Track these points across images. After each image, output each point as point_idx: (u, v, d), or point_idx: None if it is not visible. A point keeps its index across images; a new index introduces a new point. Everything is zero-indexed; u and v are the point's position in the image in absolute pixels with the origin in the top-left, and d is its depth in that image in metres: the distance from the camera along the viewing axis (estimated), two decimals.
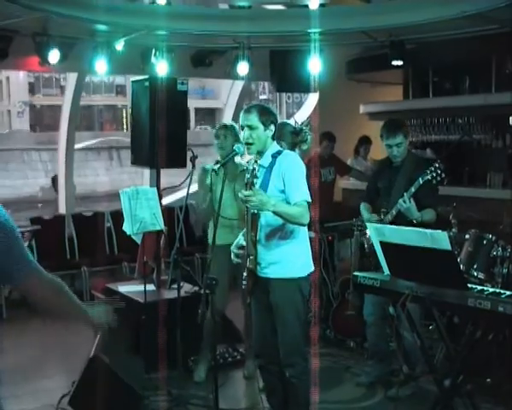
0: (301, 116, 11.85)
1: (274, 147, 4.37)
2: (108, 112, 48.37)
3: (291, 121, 5.46)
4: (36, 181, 31.63)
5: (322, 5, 7.32)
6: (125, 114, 45.97)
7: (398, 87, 10.45)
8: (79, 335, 6.81)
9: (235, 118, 9.81)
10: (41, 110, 46.50)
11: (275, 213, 4.12)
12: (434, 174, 5.00)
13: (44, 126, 42.91)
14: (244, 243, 4.35)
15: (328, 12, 7.43)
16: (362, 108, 10.33)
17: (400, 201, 5.15)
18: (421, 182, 5.07)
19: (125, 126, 45.33)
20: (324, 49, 8.19)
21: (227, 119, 10.77)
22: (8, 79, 44.65)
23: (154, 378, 5.80)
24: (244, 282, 4.31)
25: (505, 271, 5.10)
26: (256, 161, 4.30)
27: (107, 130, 45.24)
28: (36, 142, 36.52)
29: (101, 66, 7.65)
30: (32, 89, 46.19)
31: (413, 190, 5.12)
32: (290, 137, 5.14)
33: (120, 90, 46.29)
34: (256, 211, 4.16)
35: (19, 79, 44.17)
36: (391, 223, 5.15)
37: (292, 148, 5.12)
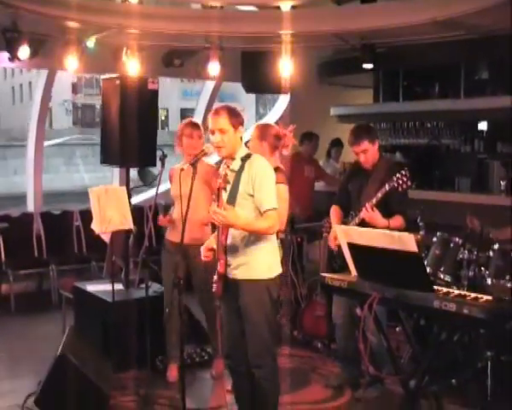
0: (272, 117, 11.84)
1: (243, 150, 4.37)
2: None
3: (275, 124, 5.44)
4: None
5: (293, 7, 7.34)
6: None
7: (370, 90, 10.51)
8: (47, 335, 6.82)
9: None
10: (82, 109, 50.62)
11: (244, 230, 4.19)
12: (400, 181, 4.99)
13: (85, 124, 46.97)
14: (214, 246, 4.37)
15: (299, 14, 7.45)
16: (332, 111, 10.37)
17: (363, 209, 5.18)
18: (387, 188, 5.07)
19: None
20: (296, 50, 8.20)
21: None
22: None
23: (122, 378, 5.79)
24: (214, 285, 4.32)
25: (471, 274, 5.15)
26: (228, 166, 4.31)
27: None
28: None
29: (71, 63, 7.60)
30: (75, 88, 49.51)
31: (379, 195, 5.13)
32: (273, 140, 5.14)
33: None
34: None
35: (62, 78, 45.63)
36: (358, 226, 5.17)
37: (273, 150, 5.14)
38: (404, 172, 5.03)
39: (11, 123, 43.00)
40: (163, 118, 51.54)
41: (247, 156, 4.32)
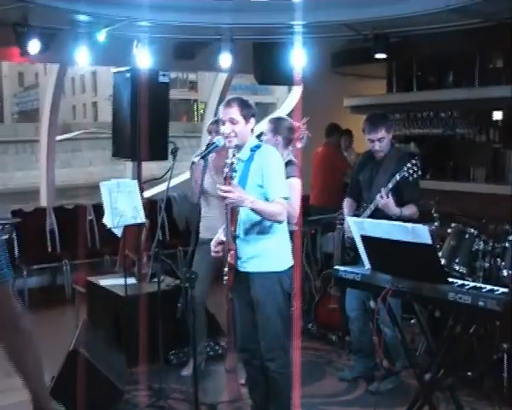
0: (285, 109, 11.79)
1: (253, 141, 4.35)
2: (182, 105, 52.54)
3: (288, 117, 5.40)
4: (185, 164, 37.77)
5: None
6: (195, 107, 54.39)
7: (383, 81, 10.44)
8: (61, 330, 6.80)
9: None
10: None
11: (252, 210, 4.12)
12: (411, 171, 4.99)
13: None
14: (224, 239, 4.33)
15: (311, 4, 7.38)
16: (345, 102, 10.32)
17: (377, 196, 5.13)
18: (397, 178, 5.05)
19: (195, 118, 52.74)
20: (308, 41, 8.14)
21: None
22: (94, 73, 50.27)
23: (135, 372, 5.77)
24: (225, 277, 4.28)
25: (487, 265, 5.09)
26: (234, 155, 4.29)
27: (183, 121, 49.33)
28: (184, 130, 39.10)
29: (82, 57, 7.58)
30: None
31: (390, 186, 5.10)
32: (287, 133, 5.11)
33: (192, 85, 53.02)
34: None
35: (109, 74, 46.57)
36: (369, 217, 5.13)
37: (287, 144, 5.10)
38: (414, 162, 5.01)
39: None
40: (202, 112, 52.17)
41: (257, 147, 4.30)
